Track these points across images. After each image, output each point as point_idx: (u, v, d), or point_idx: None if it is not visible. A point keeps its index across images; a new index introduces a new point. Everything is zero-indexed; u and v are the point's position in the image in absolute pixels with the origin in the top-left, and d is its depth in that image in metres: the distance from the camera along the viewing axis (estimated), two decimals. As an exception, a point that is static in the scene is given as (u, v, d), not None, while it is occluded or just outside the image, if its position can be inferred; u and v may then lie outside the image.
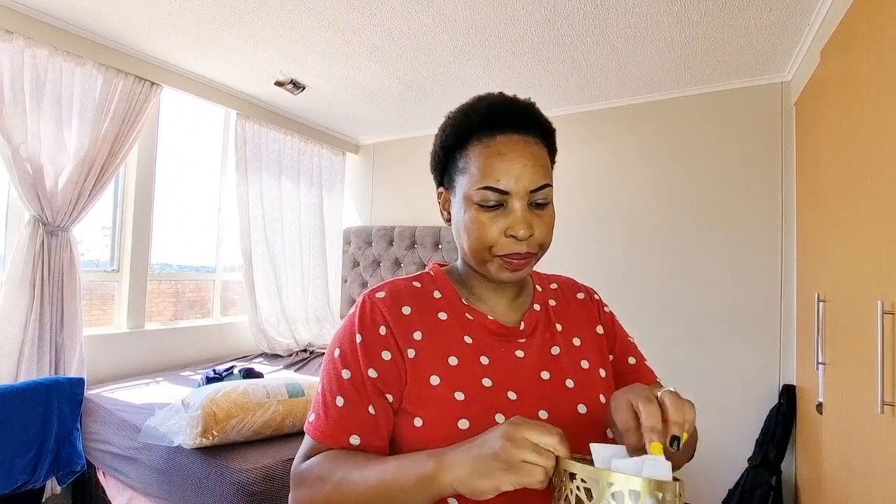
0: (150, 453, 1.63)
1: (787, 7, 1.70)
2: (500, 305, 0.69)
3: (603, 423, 0.62)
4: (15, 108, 1.84)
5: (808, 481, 1.84)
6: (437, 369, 0.60)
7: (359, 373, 0.59)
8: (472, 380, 0.60)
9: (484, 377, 0.60)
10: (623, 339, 0.77)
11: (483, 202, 0.59)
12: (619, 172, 2.64)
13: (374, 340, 0.61)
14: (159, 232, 2.56)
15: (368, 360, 0.60)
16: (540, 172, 0.60)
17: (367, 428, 0.58)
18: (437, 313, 0.65)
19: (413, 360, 0.60)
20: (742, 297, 2.28)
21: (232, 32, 2.02)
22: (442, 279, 0.70)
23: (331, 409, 0.59)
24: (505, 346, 0.64)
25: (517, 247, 0.59)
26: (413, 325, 0.63)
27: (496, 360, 0.63)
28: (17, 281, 1.87)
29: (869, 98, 1.19)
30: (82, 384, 1.88)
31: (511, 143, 0.59)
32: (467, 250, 0.63)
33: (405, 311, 0.64)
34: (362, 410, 0.58)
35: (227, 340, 2.89)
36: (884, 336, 1.03)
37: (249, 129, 2.84)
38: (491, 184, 0.58)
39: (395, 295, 0.65)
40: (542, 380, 0.63)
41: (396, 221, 3.39)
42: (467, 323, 0.65)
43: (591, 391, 0.65)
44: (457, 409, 0.57)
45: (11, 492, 1.64)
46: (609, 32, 1.91)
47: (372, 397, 0.59)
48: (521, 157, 0.59)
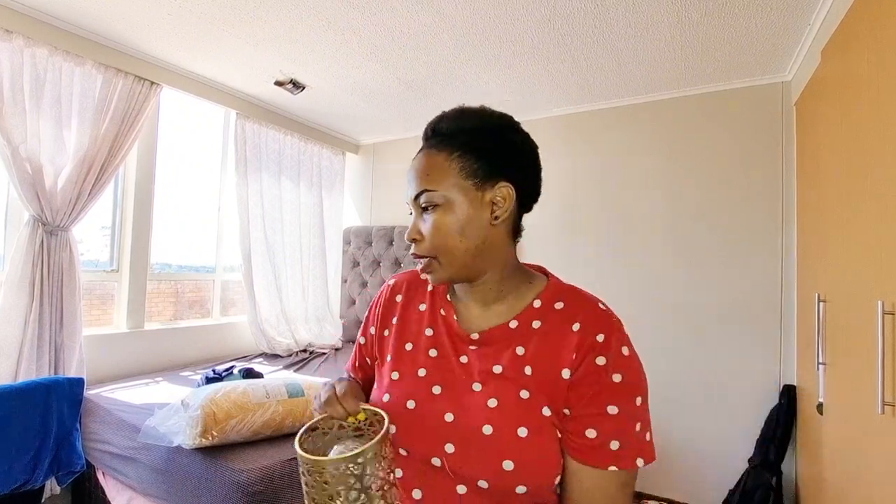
0: (150, 453, 1.63)
1: (788, 7, 1.70)
2: (472, 307, 0.71)
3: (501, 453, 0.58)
4: (14, 108, 1.84)
5: (808, 481, 1.84)
6: (393, 350, 0.73)
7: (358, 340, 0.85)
8: (411, 366, 0.70)
9: (421, 367, 0.69)
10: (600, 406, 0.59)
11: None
12: (620, 172, 2.64)
13: (371, 317, 0.81)
14: (159, 232, 2.56)
15: (364, 331, 0.83)
16: (418, 181, 0.65)
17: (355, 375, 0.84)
18: (420, 304, 0.76)
19: (385, 338, 0.76)
20: (743, 298, 2.28)
21: (232, 32, 2.02)
22: None
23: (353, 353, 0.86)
24: (456, 346, 0.69)
25: (412, 249, 0.68)
26: (396, 312, 0.77)
27: (441, 356, 0.69)
28: (17, 281, 1.87)
29: (869, 98, 1.19)
30: (82, 384, 1.87)
31: (418, 157, 0.68)
32: None
33: (397, 300, 0.78)
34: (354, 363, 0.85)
35: (227, 340, 2.88)
36: (884, 336, 1.03)
37: (249, 128, 2.84)
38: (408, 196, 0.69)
39: (398, 285, 0.80)
40: (471, 389, 0.64)
41: (396, 221, 3.39)
42: (437, 317, 0.73)
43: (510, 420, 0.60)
44: (389, 385, 0.70)
45: (11, 492, 1.64)
46: (609, 32, 1.91)
47: (360, 358, 0.83)
48: (412, 170, 0.67)
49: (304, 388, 1.75)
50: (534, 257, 2.92)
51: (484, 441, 0.59)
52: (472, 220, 0.63)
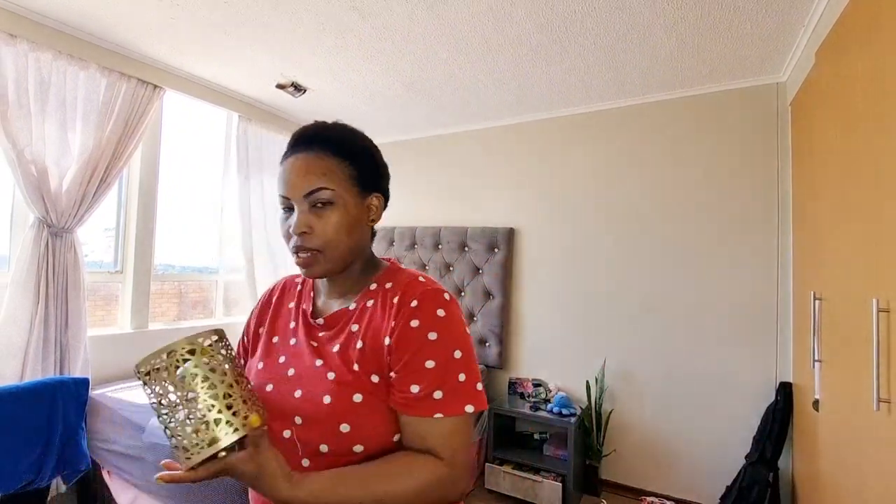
0: (155, 452, 1.65)
1: (783, 8, 1.72)
2: (331, 300, 0.79)
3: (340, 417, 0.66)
4: (20, 111, 1.86)
5: (804, 478, 1.86)
6: (263, 344, 0.80)
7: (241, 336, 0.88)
8: (274, 356, 0.77)
9: (282, 355, 0.76)
10: (419, 363, 0.66)
11: (282, 207, 0.73)
12: (616, 173, 2.65)
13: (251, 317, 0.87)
14: (162, 233, 2.58)
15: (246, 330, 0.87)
16: (312, 179, 0.70)
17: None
18: (289, 302, 0.83)
19: (259, 334, 0.83)
20: (739, 296, 2.29)
21: (233, 36, 2.04)
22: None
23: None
24: (309, 333, 0.77)
25: (298, 241, 0.70)
26: (269, 311, 0.84)
27: (298, 343, 0.76)
28: (22, 282, 1.89)
29: (864, 98, 1.21)
30: (87, 384, 1.89)
31: (295, 160, 0.72)
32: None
33: (273, 299, 0.86)
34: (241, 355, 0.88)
35: (231, 340, 2.90)
36: (879, 334, 1.05)
37: (251, 131, 2.86)
38: (280, 192, 0.72)
39: (276, 287, 0.88)
40: (315, 367, 0.72)
41: (397, 222, 3.41)
42: (300, 311, 0.80)
43: (346, 389, 0.68)
44: (255, 373, 0.77)
45: (17, 490, 1.66)
46: (606, 35, 1.93)
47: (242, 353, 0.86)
48: (296, 170, 0.71)
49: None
50: (531, 257, 2.95)
51: (324, 409, 0.67)
52: (357, 221, 0.73)
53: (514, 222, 2.94)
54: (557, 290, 2.78)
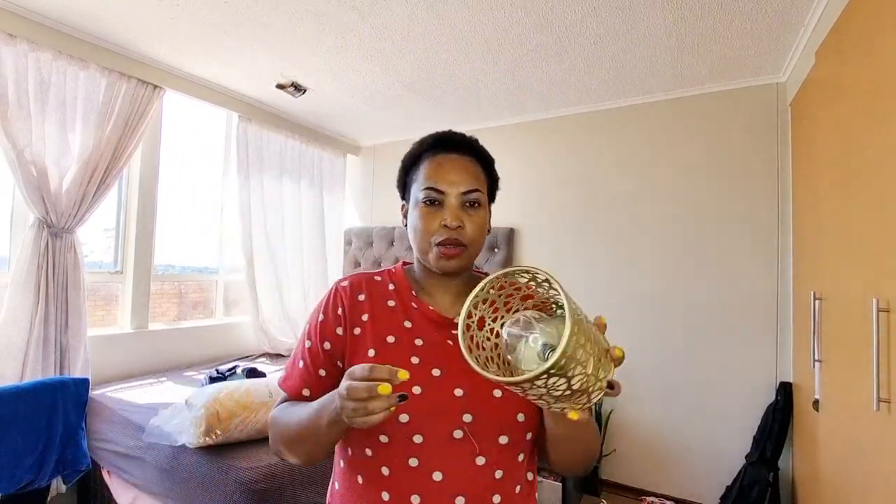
0: (155, 452, 1.64)
1: (783, 8, 1.72)
2: (444, 300, 0.80)
3: (515, 408, 0.70)
4: (20, 112, 1.86)
5: (805, 478, 1.86)
6: (374, 344, 0.74)
7: (316, 344, 0.77)
8: (401, 355, 0.73)
9: (413, 355, 0.73)
10: None
11: (426, 199, 0.75)
12: (616, 173, 2.65)
13: (332, 319, 0.78)
14: (162, 233, 2.58)
15: (324, 335, 0.77)
16: (470, 179, 0.75)
17: (316, 385, 0.77)
18: (387, 301, 0.79)
19: (357, 336, 0.76)
20: (739, 296, 2.29)
21: (233, 36, 2.04)
22: (399, 275, 0.84)
23: (295, 369, 0.79)
24: (439, 332, 0.75)
25: (448, 233, 0.73)
26: (363, 309, 0.78)
27: (429, 343, 0.74)
28: (22, 282, 1.89)
29: (863, 98, 1.21)
30: (87, 384, 1.90)
31: (449, 159, 0.77)
32: (415, 243, 0.77)
33: (360, 298, 0.79)
34: (314, 373, 0.77)
35: (230, 340, 2.90)
36: (879, 333, 1.05)
37: (251, 131, 2.86)
38: (430, 185, 0.75)
39: (356, 284, 0.81)
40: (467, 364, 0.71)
41: (397, 222, 3.41)
42: (411, 311, 0.78)
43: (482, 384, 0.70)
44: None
45: (17, 490, 1.66)
46: (606, 35, 1.93)
47: (325, 364, 0.77)
48: (454, 167, 0.76)
49: (306, 388, 1.76)
50: (532, 257, 2.95)
51: (497, 402, 0.69)
52: (487, 227, 0.79)
53: (514, 222, 2.94)
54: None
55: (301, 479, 1.48)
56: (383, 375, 0.57)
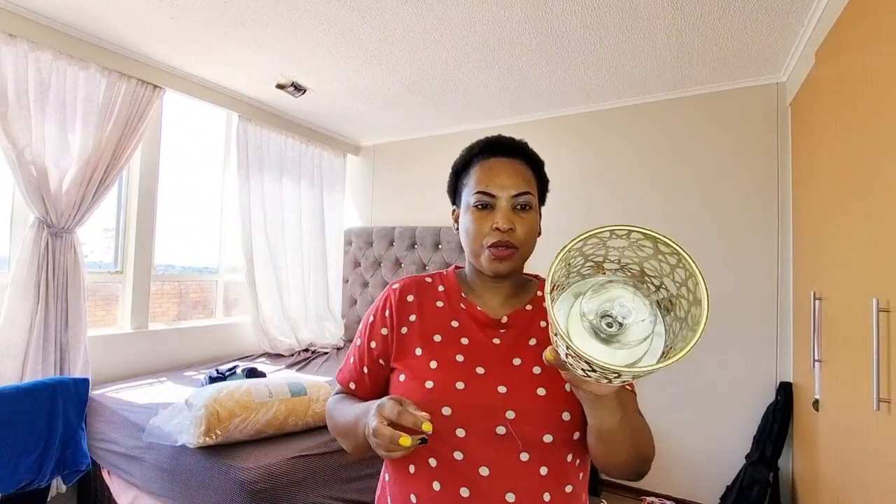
0: (155, 452, 1.65)
1: (783, 8, 1.71)
2: (493, 301, 0.82)
3: (561, 406, 0.70)
4: (20, 112, 1.86)
5: (805, 478, 1.86)
6: (421, 343, 0.78)
7: (364, 343, 0.83)
8: (447, 354, 0.75)
9: (458, 354, 0.75)
10: None
11: (477, 204, 0.77)
12: (617, 173, 2.65)
13: (379, 320, 0.82)
14: (162, 233, 2.58)
15: (372, 336, 0.83)
16: (520, 183, 0.77)
17: (360, 381, 0.84)
18: (436, 302, 0.82)
19: (404, 335, 0.79)
20: (739, 296, 2.29)
21: (233, 36, 2.04)
22: (451, 277, 0.87)
23: (347, 363, 0.87)
24: (486, 332, 0.77)
25: (500, 236, 0.74)
26: (411, 310, 0.81)
27: (474, 342, 0.76)
28: (23, 282, 1.89)
29: (863, 98, 1.21)
30: (87, 384, 1.90)
31: (499, 162, 0.79)
32: (467, 246, 0.79)
33: (409, 299, 0.83)
34: (360, 369, 0.84)
35: (230, 340, 2.91)
36: (879, 333, 1.04)
37: (251, 131, 2.86)
38: (482, 188, 0.76)
39: (406, 286, 0.85)
40: (512, 364, 0.74)
41: (397, 222, 3.41)
42: (459, 311, 0.81)
43: (559, 380, 0.71)
44: (428, 373, 0.74)
45: (17, 490, 1.66)
46: (606, 34, 1.93)
47: (368, 362, 0.83)
48: (505, 171, 0.77)
49: (306, 387, 1.77)
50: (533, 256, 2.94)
51: (541, 401, 0.70)
52: (538, 230, 0.81)
53: (514, 222, 2.94)
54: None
55: (301, 479, 1.48)
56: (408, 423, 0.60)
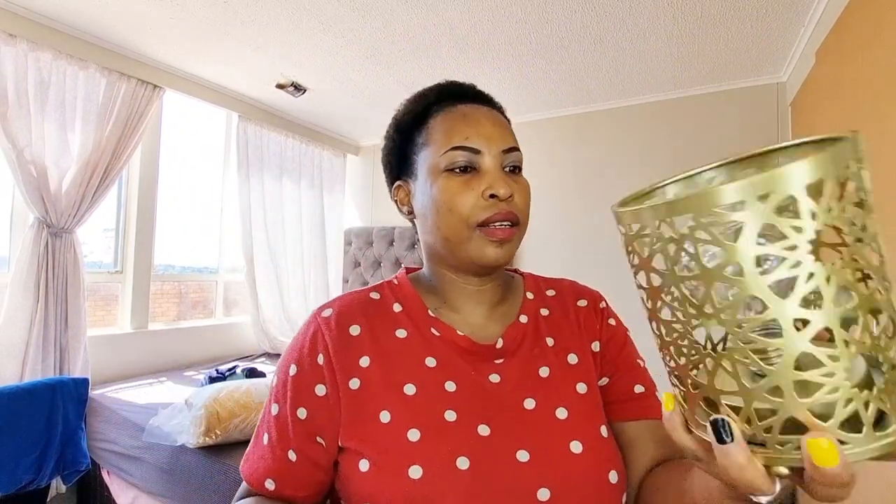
0: (154, 452, 1.64)
1: (783, 8, 1.71)
2: (477, 315, 0.58)
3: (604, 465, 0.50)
4: (19, 111, 1.86)
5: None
6: (387, 402, 0.50)
7: (285, 412, 0.52)
8: (431, 413, 0.49)
9: (447, 409, 0.49)
10: (631, 359, 0.60)
11: (452, 165, 0.53)
12: (616, 173, 2.65)
13: (309, 372, 0.52)
14: (162, 233, 2.58)
15: (298, 398, 0.51)
16: (509, 135, 0.56)
17: (283, 474, 0.51)
18: (395, 331, 0.55)
19: (356, 391, 0.51)
20: (740, 296, 2.29)
21: (233, 35, 2.04)
22: (406, 288, 0.59)
23: (258, 446, 0.53)
24: (477, 368, 0.53)
25: (499, 207, 0.51)
26: (361, 349, 0.53)
27: (465, 386, 0.51)
28: (22, 282, 1.89)
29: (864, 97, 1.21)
30: (87, 384, 1.90)
31: (474, 108, 0.56)
32: (440, 232, 0.54)
33: (353, 332, 0.54)
34: (281, 455, 0.51)
35: (230, 340, 2.90)
36: (878, 333, 1.04)
37: (251, 131, 2.86)
38: (459, 143, 0.52)
39: (344, 312, 0.55)
40: (524, 410, 0.51)
41: (397, 222, 3.41)
42: (432, 340, 0.54)
43: (590, 423, 0.52)
44: (409, 452, 0.47)
45: (17, 491, 1.66)
46: (606, 34, 1.93)
47: (296, 441, 0.51)
48: (487, 118, 0.55)
49: (306, 388, 1.76)
50: (532, 258, 2.94)
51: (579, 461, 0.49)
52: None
53: (514, 222, 2.93)
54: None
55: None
56: None
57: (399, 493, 0.45)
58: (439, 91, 0.59)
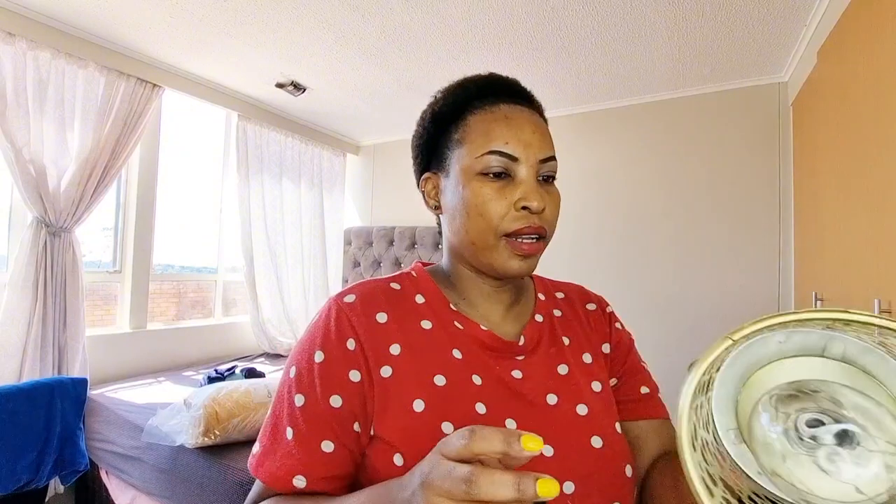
0: (153, 453, 1.64)
1: (785, 8, 1.71)
2: (494, 313, 0.58)
3: (621, 459, 0.52)
4: (18, 111, 1.85)
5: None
6: (420, 392, 0.49)
7: (314, 401, 0.48)
8: (462, 405, 0.49)
9: (477, 402, 0.50)
10: (636, 362, 0.64)
11: (486, 170, 0.51)
12: (617, 173, 2.65)
13: (341, 358, 0.49)
14: (161, 233, 2.57)
15: (330, 385, 0.48)
16: (548, 142, 0.54)
17: (316, 468, 0.47)
18: (420, 321, 0.54)
19: (389, 380, 0.49)
20: (740, 296, 2.29)
21: (232, 34, 2.04)
22: (426, 280, 0.58)
23: (279, 443, 0.48)
24: (500, 363, 0.53)
25: (529, 220, 0.51)
26: (390, 337, 0.51)
27: (489, 380, 0.52)
28: (21, 282, 1.88)
29: (865, 98, 1.20)
30: (85, 384, 1.89)
31: (516, 110, 0.54)
32: (468, 235, 0.53)
33: (380, 319, 0.52)
34: (314, 447, 0.47)
35: (229, 340, 2.90)
36: (880, 334, 1.04)
37: (250, 130, 2.86)
38: (498, 147, 0.51)
39: (368, 299, 0.53)
40: (547, 405, 0.52)
41: (397, 222, 3.40)
42: (456, 334, 0.54)
43: (607, 419, 0.54)
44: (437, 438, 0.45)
45: (15, 491, 1.65)
46: (607, 33, 1.92)
47: (332, 431, 0.48)
48: (529, 123, 0.53)
49: (305, 388, 1.76)
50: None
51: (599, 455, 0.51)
52: None
53: (514, 222, 2.93)
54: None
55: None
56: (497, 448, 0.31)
57: None
58: (482, 84, 0.57)
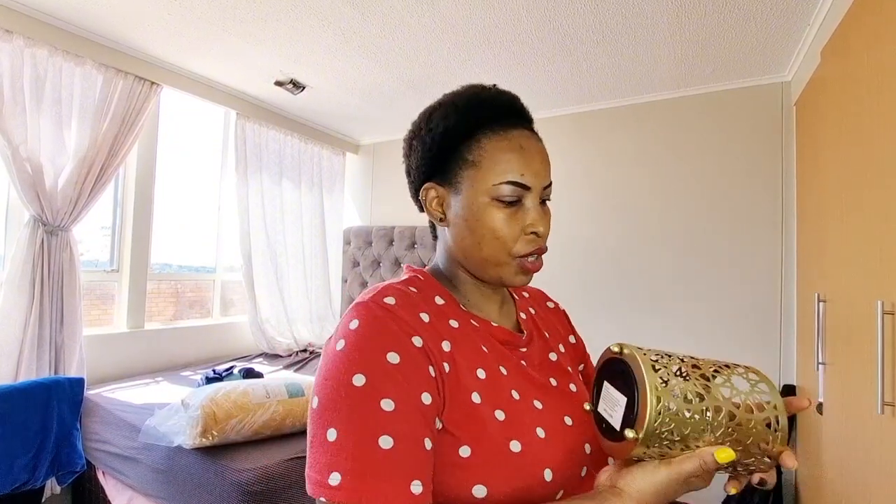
0: (150, 453, 1.63)
1: (788, 7, 1.70)
2: (492, 312, 0.65)
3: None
4: (15, 108, 1.84)
5: (808, 481, 1.84)
6: (474, 384, 0.53)
7: (406, 402, 0.47)
8: (503, 394, 0.55)
9: (512, 389, 0.56)
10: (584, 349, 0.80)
11: (501, 197, 0.56)
12: (619, 173, 2.64)
13: (416, 355, 0.50)
14: (159, 232, 2.56)
15: (417, 383, 0.49)
16: (549, 168, 0.61)
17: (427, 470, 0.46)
18: (448, 321, 0.57)
19: (450, 374, 0.52)
20: (742, 298, 2.28)
21: (231, 32, 2.02)
22: (436, 283, 0.62)
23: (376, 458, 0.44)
24: (514, 354, 0.61)
25: (537, 244, 0.58)
26: (439, 334, 0.54)
27: (512, 369, 0.59)
28: (17, 281, 1.87)
29: (869, 98, 1.19)
30: (82, 384, 1.88)
31: (527, 138, 0.59)
32: (481, 252, 0.58)
33: (424, 318, 0.54)
34: (420, 447, 0.46)
35: (227, 340, 2.89)
36: (884, 336, 1.03)
37: (249, 129, 2.84)
38: (514, 178, 0.56)
39: (405, 300, 0.54)
40: (552, 386, 0.62)
41: (396, 221, 3.39)
42: (477, 331, 0.59)
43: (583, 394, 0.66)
44: (503, 430, 0.52)
45: (11, 492, 1.64)
46: (609, 33, 1.91)
47: (427, 429, 0.48)
48: (538, 153, 0.59)
49: (304, 388, 1.75)
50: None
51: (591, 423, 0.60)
52: None
53: (515, 222, 2.92)
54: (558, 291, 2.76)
55: (298, 480, 1.46)
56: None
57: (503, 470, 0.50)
58: (496, 107, 0.60)
